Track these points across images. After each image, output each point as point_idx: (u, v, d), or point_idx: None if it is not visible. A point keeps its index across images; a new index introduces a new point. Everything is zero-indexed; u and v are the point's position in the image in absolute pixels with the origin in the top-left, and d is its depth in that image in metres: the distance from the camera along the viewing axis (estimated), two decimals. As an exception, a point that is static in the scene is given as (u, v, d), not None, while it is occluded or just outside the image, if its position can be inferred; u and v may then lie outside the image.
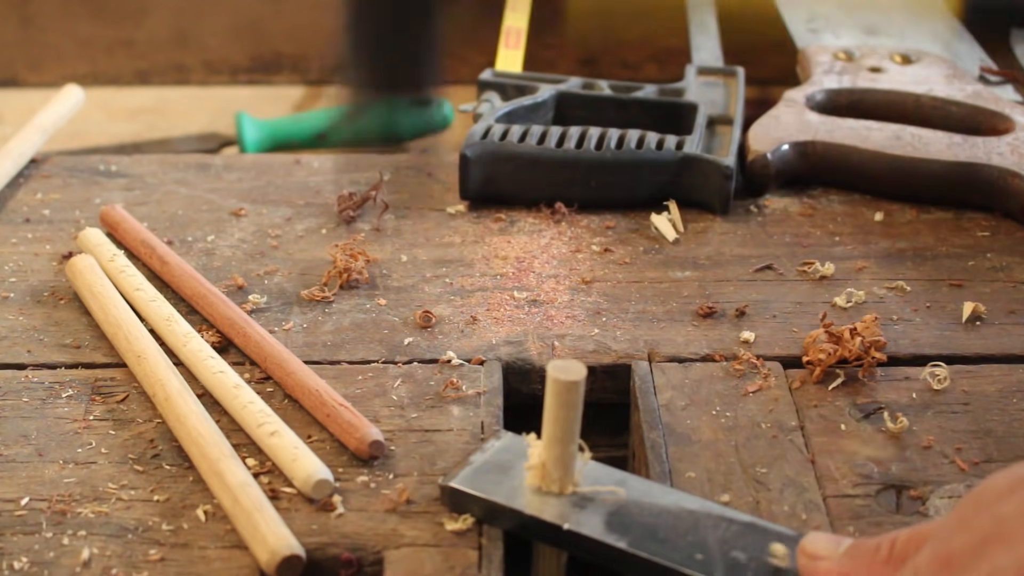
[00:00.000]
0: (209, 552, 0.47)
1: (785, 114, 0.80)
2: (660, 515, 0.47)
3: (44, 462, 0.52)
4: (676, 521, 0.47)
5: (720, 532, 0.46)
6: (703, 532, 0.46)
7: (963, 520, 0.39)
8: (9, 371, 0.59)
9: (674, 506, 0.48)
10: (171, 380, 0.55)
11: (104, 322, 0.60)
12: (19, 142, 0.78)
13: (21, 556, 0.47)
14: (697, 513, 0.47)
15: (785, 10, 1.00)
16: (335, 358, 0.59)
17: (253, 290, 0.65)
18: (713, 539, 0.46)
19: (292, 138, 0.99)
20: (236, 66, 1.24)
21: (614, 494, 0.48)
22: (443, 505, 0.49)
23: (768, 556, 0.45)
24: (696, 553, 0.45)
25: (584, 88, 0.82)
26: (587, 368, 0.46)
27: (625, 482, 0.49)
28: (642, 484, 0.49)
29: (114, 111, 1.14)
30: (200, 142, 1.02)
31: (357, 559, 0.47)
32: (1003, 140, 0.76)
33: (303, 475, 0.49)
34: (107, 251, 0.66)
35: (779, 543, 0.45)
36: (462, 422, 0.55)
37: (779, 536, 0.46)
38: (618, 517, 0.47)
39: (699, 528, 0.46)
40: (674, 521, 0.47)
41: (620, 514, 0.47)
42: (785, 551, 0.45)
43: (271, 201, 0.75)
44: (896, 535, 0.42)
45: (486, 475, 0.49)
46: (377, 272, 0.67)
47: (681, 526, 0.46)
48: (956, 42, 0.95)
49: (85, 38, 1.23)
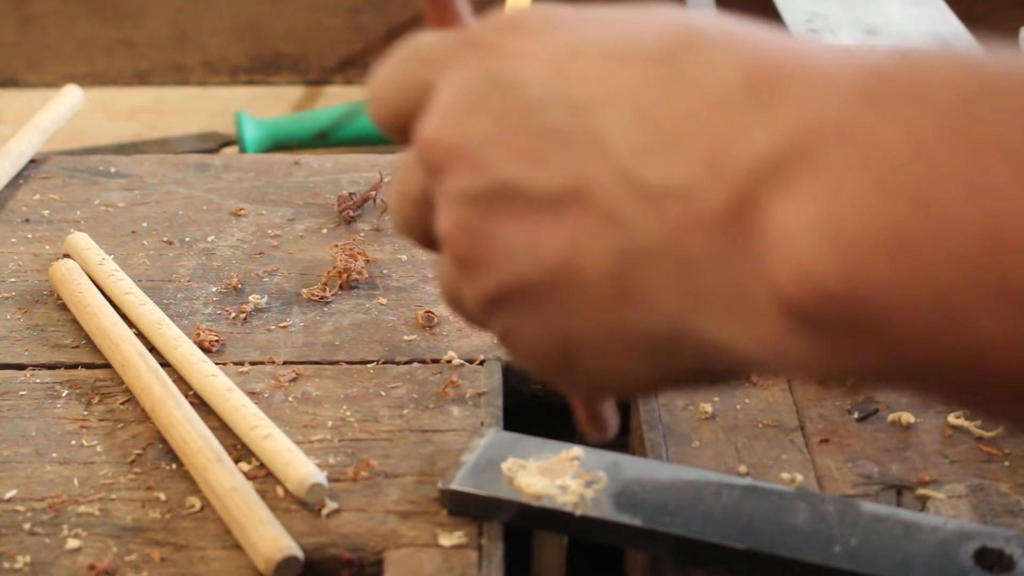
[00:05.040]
0: (209, 552, 0.47)
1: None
2: (664, 490, 0.48)
3: (43, 462, 0.52)
4: (680, 494, 0.47)
5: (724, 498, 0.47)
6: (709, 500, 0.47)
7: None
8: (9, 371, 0.58)
9: (674, 479, 0.48)
10: (155, 387, 0.54)
11: (87, 330, 0.60)
12: (18, 142, 0.78)
13: (19, 556, 0.47)
14: (697, 483, 0.48)
15: (785, 10, 1.00)
16: (335, 358, 0.59)
17: (253, 290, 0.65)
18: (720, 505, 0.46)
19: (292, 138, 0.99)
20: (236, 66, 1.24)
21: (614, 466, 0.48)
22: (443, 507, 0.49)
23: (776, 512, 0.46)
24: (709, 521, 0.46)
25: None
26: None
27: (618, 463, 0.49)
28: (636, 462, 0.50)
29: (113, 111, 1.14)
30: (200, 142, 1.02)
31: (358, 559, 0.47)
32: (1003, 140, 0.75)
33: (297, 479, 0.49)
34: (95, 255, 0.65)
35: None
36: (462, 422, 0.55)
37: (779, 493, 0.47)
38: (624, 497, 0.47)
39: (704, 497, 0.47)
40: (678, 494, 0.47)
41: (625, 494, 0.47)
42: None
43: (271, 201, 0.75)
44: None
45: (482, 473, 0.49)
46: (377, 272, 0.67)
47: (686, 498, 0.47)
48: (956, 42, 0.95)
49: (84, 38, 1.23)
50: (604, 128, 0.32)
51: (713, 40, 0.32)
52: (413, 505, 0.49)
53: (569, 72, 0.33)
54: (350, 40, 1.25)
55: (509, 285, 0.35)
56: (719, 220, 0.30)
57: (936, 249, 0.27)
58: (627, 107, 0.32)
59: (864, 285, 0.28)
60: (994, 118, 0.26)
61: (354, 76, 1.26)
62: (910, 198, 0.27)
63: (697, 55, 0.32)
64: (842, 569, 0.44)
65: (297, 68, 1.25)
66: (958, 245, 0.26)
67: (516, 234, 0.34)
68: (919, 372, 0.29)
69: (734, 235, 0.30)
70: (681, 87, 0.32)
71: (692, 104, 0.31)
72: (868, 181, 0.28)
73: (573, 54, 0.34)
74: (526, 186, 0.34)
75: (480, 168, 0.34)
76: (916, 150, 0.27)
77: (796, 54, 0.31)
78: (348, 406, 0.56)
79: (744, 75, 0.31)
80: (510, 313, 0.36)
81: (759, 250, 0.30)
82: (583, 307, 0.34)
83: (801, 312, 0.29)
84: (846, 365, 0.30)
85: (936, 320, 0.27)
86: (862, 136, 0.28)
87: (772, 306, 0.30)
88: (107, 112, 1.13)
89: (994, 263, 0.26)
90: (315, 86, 1.24)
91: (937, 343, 0.27)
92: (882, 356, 0.29)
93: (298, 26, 1.24)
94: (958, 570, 0.44)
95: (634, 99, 0.32)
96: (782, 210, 0.29)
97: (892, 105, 0.28)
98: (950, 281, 0.27)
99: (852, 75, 0.29)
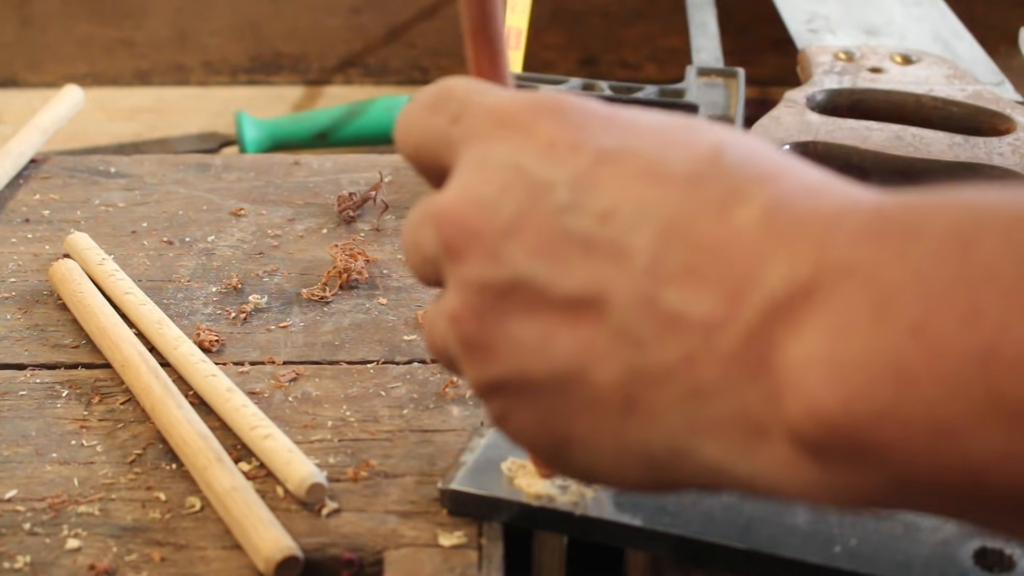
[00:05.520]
0: (209, 552, 0.47)
1: (786, 115, 0.79)
2: None
3: (43, 462, 0.52)
4: (680, 494, 0.47)
5: (724, 498, 0.47)
6: (709, 500, 0.47)
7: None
8: (9, 371, 0.58)
9: None
10: (155, 387, 0.54)
11: (87, 330, 0.60)
12: (18, 142, 0.78)
13: (19, 556, 0.47)
14: None
15: (785, 10, 1.00)
16: (335, 358, 0.59)
17: (253, 290, 0.65)
18: (720, 505, 0.46)
19: (292, 138, 0.99)
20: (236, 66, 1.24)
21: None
22: (443, 507, 0.49)
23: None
24: (709, 521, 0.46)
25: (584, 88, 0.82)
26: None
27: None
28: None
29: (114, 111, 1.14)
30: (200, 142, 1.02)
31: (358, 559, 0.47)
32: (1004, 140, 0.76)
33: (297, 479, 0.49)
34: (95, 255, 0.65)
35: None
36: (462, 422, 0.55)
37: None
38: (624, 497, 0.47)
39: (704, 497, 0.47)
40: (678, 494, 0.47)
41: (624, 493, 0.47)
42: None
43: (271, 201, 0.75)
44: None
45: (482, 473, 0.49)
46: (377, 272, 0.67)
47: (686, 498, 0.47)
48: (956, 42, 0.95)
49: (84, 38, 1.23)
50: (629, 243, 0.33)
51: (740, 168, 0.33)
52: (413, 505, 0.49)
53: (599, 178, 0.34)
54: (350, 40, 1.25)
55: (513, 377, 0.36)
56: (733, 352, 0.31)
57: (932, 373, 0.28)
58: (654, 226, 0.33)
59: (864, 414, 0.29)
60: (985, 247, 0.28)
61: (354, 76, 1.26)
62: (908, 328, 0.28)
63: (724, 183, 0.33)
64: (842, 569, 0.44)
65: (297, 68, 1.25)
66: (952, 368, 0.27)
67: (528, 330, 0.35)
68: (921, 495, 0.30)
69: (745, 367, 0.31)
70: (706, 214, 0.32)
71: (716, 233, 0.32)
72: (869, 314, 0.29)
73: (605, 159, 0.34)
74: (545, 286, 0.34)
75: (499, 260, 0.35)
76: (914, 282, 0.28)
77: (811, 191, 0.32)
78: (348, 406, 0.56)
79: (764, 210, 0.32)
80: (508, 400, 0.36)
81: (768, 382, 0.31)
82: (586, 412, 0.35)
83: (808, 443, 0.30)
84: (848, 492, 0.31)
85: (933, 442, 0.28)
86: (865, 272, 0.29)
87: (779, 436, 0.31)
88: (107, 112, 1.13)
89: (985, 380, 0.27)
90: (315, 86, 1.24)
91: (936, 465, 0.28)
92: (884, 481, 0.30)
93: (298, 26, 1.24)
94: (958, 570, 0.44)
95: (661, 219, 0.33)
96: (791, 345, 0.30)
97: (894, 242, 0.29)
98: (945, 402, 0.28)
99: (860, 215, 0.31)
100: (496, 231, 0.35)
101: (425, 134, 0.38)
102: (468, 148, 0.37)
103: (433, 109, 0.38)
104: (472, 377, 0.37)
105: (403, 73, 1.26)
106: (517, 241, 0.34)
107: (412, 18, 1.25)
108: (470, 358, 0.36)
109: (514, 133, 0.36)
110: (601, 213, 0.33)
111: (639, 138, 0.34)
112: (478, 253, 0.35)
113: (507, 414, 0.37)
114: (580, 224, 0.34)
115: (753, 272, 0.31)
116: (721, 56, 0.93)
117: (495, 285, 0.35)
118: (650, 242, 0.33)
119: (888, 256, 0.29)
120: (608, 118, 0.35)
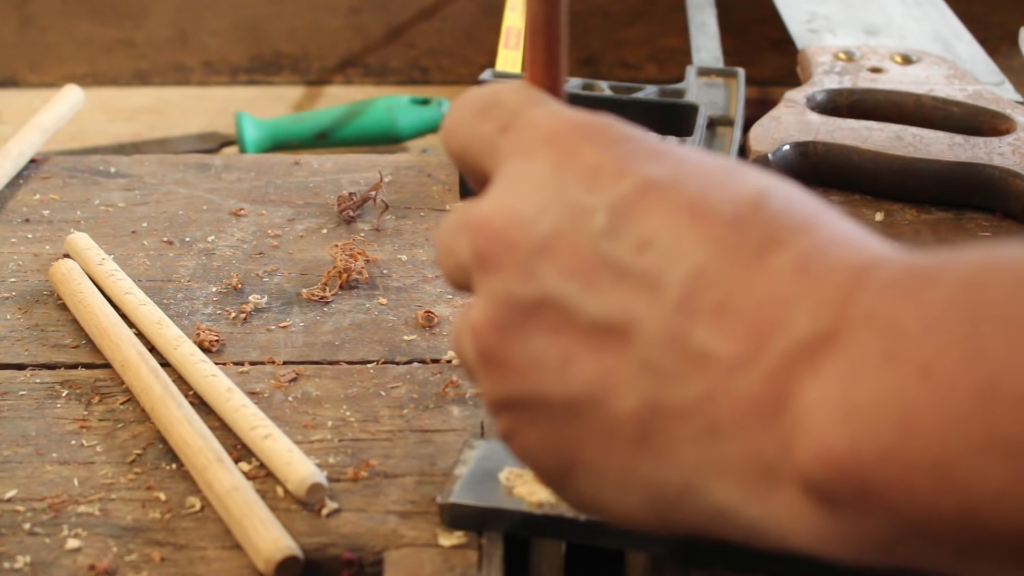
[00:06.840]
0: (209, 552, 0.47)
1: (786, 115, 0.79)
2: None
3: (43, 462, 0.52)
4: None
5: None
6: None
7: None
8: (9, 371, 0.58)
9: None
10: (155, 387, 0.54)
11: (87, 330, 0.60)
12: (19, 142, 0.78)
13: (19, 556, 0.47)
14: None
15: (785, 10, 1.00)
16: (335, 358, 0.59)
17: (253, 290, 0.65)
18: None
19: (292, 138, 0.99)
20: (236, 66, 1.24)
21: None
22: (443, 522, 0.48)
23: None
24: None
25: (584, 89, 0.82)
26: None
27: None
28: None
29: (113, 111, 1.14)
30: (200, 142, 1.02)
31: (358, 559, 0.47)
32: (1004, 140, 0.76)
33: (297, 479, 0.49)
34: (95, 255, 0.65)
35: None
36: (462, 422, 0.55)
37: None
38: None
39: None
40: None
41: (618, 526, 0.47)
42: None
43: (271, 201, 0.75)
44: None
45: (480, 484, 0.49)
46: (377, 272, 0.67)
47: None
48: (956, 42, 0.95)
49: (84, 38, 1.23)
50: (664, 275, 0.33)
51: (780, 216, 0.33)
52: (413, 505, 0.49)
53: (640, 208, 0.34)
54: (350, 40, 1.25)
55: (528, 395, 0.36)
56: (752, 394, 0.31)
57: (935, 413, 0.28)
58: (690, 262, 0.33)
59: (869, 455, 0.29)
60: (997, 294, 0.28)
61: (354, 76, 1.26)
62: (916, 369, 0.28)
63: (764, 229, 0.33)
64: (842, 568, 0.44)
65: (297, 68, 1.25)
66: (954, 406, 0.28)
67: (549, 350, 0.35)
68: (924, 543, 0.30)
69: (762, 409, 0.31)
70: (743, 258, 0.32)
71: (750, 277, 0.32)
72: (880, 357, 0.29)
73: (649, 190, 0.34)
74: (573, 307, 0.34)
75: (530, 276, 0.35)
76: (927, 327, 0.29)
77: (843, 243, 0.33)
78: (348, 406, 0.56)
79: (798, 259, 0.32)
80: (519, 417, 0.36)
81: (783, 425, 0.31)
82: (598, 439, 0.35)
83: (817, 488, 0.30)
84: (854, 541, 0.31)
85: (934, 483, 0.28)
86: (883, 319, 0.30)
87: (790, 481, 0.31)
88: (107, 112, 1.13)
89: (985, 418, 0.27)
90: (315, 86, 1.24)
91: (937, 507, 0.29)
92: (889, 528, 0.30)
93: (298, 26, 1.24)
94: None
95: (698, 256, 0.33)
96: (807, 388, 0.30)
97: (913, 291, 0.30)
98: (946, 441, 0.28)
99: (887, 268, 0.31)
100: (531, 247, 0.35)
101: (472, 138, 0.39)
102: (512, 161, 0.37)
103: (482, 114, 0.38)
104: (486, 390, 0.37)
105: (403, 73, 1.26)
106: (550, 260, 0.34)
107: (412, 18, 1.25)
108: (486, 370, 0.36)
109: (560, 153, 0.36)
110: (639, 242, 0.33)
111: (685, 173, 0.34)
112: (510, 266, 0.35)
113: (516, 431, 0.37)
114: (616, 251, 0.34)
115: (781, 317, 0.31)
116: (721, 56, 0.93)
117: (522, 300, 0.35)
118: (685, 277, 0.33)
119: (907, 304, 0.30)
120: (656, 149, 0.35)
